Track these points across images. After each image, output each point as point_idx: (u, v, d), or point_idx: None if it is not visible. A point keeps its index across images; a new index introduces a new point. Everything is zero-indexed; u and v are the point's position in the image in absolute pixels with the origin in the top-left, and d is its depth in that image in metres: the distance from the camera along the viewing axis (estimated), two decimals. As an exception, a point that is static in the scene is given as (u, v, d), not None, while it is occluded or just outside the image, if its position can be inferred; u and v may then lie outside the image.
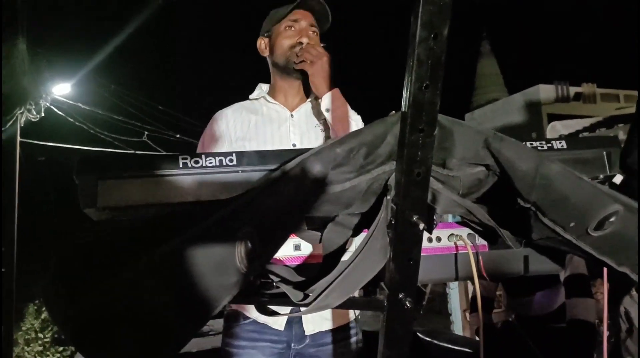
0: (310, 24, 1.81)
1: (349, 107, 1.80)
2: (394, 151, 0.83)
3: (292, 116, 1.83)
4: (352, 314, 1.72)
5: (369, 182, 0.86)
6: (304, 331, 1.63)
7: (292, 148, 1.74)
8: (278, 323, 1.61)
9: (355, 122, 1.80)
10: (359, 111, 1.87)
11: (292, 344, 1.63)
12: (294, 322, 1.62)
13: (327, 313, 1.65)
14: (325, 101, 1.73)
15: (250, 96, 1.90)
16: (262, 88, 1.92)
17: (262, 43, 1.89)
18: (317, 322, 1.64)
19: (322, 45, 1.82)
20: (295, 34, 1.79)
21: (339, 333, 1.68)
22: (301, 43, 1.77)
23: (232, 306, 1.69)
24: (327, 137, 1.80)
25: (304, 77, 1.81)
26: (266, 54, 1.88)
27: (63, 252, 0.72)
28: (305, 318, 1.63)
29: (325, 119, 1.78)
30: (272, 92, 1.88)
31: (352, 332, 1.70)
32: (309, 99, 1.89)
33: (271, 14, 1.87)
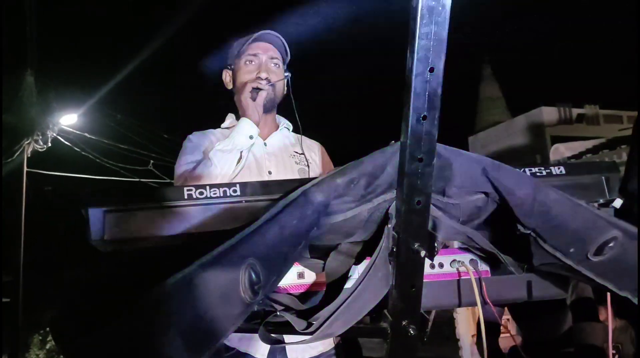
0: (270, 57, 1.81)
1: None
2: (394, 181, 0.85)
3: (265, 144, 1.84)
4: (333, 341, 1.71)
5: (370, 211, 0.87)
6: None
7: (267, 175, 1.76)
8: (260, 352, 1.59)
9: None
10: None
11: None
12: (277, 351, 1.60)
13: None
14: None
15: (222, 125, 1.91)
16: (233, 116, 1.92)
17: (226, 76, 1.89)
18: (300, 349, 1.63)
19: (285, 74, 1.83)
20: (254, 69, 1.79)
21: None
22: (260, 78, 1.77)
23: None
24: (302, 169, 1.82)
25: (269, 110, 1.83)
26: (230, 87, 1.88)
27: (70, 287, 0.74)
28: (289, 347, 1.61)
29: (300, 151, 1.84)
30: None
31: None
32: (280, 128, 1.91)
33: (233, 45, 1.87)
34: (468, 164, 0.86)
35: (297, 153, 1.87)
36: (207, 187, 0.93)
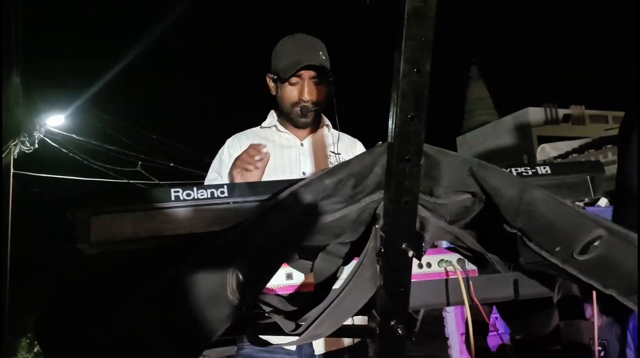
0: (311, 77, 1.83)
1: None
2: (382, 181, 0.85)
3: (302, 144, 1.90)
4: None
5: (358, 211, 0.88)
6: (313, 351, 1.66)
7: (301, 176, 1.79)
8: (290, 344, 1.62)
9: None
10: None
11: None
12: (305, 344, 1.63)
13: None
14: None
15: (262, 124, 1.97)
16: (274, 115, 1.97)
17: (270, 81, 1.92)
18: (327, 342, 1.66)
19: (331, 79, 1.86)
20: (297, 90, 1.83)
21: (348, 353, 1.69)
22: (303, 101, 1.82)
23: None
24: None
25: (310, 123, 1.88)
26: (273, 93, 1.93)
27: (56, 288, 0.73)
28: (316, 340, 1.64)
29: (337, 151, 1.87)
30: (282, 122, 1.95)
31: (361, 352, 1.71)
32: (319, 129, 1.95)
33: (277, 52, 1.88)
34: (455, 164, 0.87)
35: (333, 152, 1.91)
36: (195, 188, 0.92)
